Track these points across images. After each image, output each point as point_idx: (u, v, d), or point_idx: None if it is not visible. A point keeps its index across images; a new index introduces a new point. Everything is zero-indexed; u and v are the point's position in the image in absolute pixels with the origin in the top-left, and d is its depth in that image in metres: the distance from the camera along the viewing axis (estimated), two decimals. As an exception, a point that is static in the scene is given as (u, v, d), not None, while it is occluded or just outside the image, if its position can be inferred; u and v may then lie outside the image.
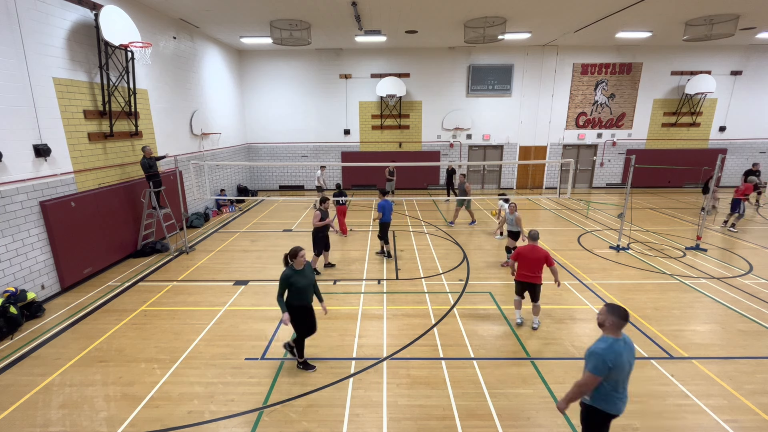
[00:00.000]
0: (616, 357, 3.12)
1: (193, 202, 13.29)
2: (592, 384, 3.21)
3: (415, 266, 9.17)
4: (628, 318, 3.24)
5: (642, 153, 18.73)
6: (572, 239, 11.15)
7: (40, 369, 5.48)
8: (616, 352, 3.13)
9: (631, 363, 3.25)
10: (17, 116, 7.06)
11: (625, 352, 3.19)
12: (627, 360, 3.19)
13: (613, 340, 3.19)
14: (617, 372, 3.15)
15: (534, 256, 6.10)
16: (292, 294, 5.01)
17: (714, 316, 6.83)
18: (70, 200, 8.07)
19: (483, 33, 13.02)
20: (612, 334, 3.23)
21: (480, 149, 19.24)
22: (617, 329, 3.23)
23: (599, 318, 3.33)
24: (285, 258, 5.06)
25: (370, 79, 18.02)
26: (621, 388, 3.27)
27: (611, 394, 3.25)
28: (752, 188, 12.01)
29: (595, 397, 3.30)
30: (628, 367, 3.22)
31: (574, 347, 5.88)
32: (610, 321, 3.24)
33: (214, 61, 15.29)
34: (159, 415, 4.59)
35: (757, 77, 18.04)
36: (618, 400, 3.27)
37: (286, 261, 5.05)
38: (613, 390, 3.24)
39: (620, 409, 3.30)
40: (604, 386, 3.25)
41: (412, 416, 4.54)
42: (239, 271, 8.94)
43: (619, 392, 3.27)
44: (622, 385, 3.27)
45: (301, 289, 4.97)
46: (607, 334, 3.26)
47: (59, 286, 7.92)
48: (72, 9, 8.25)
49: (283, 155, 19.10)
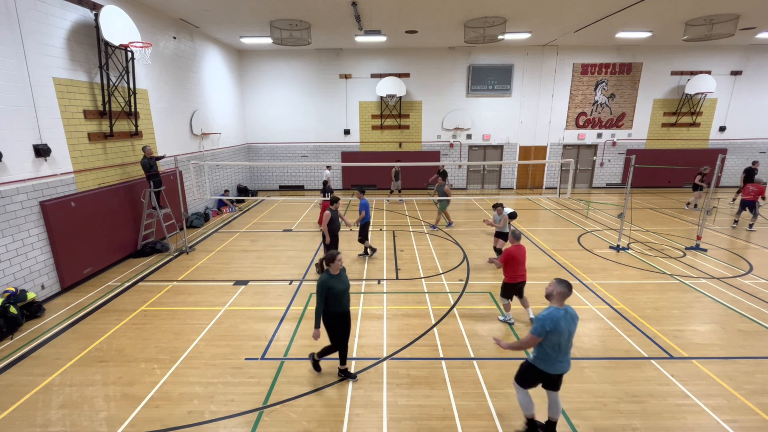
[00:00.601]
0: (555, 323, 3.67)
1: (193, 202, 13.29)
2: (532, 343, 3.84)
3: (415, 266, 9.17)
4: (571, 289, 3.81)
5: (642, 153, 18.73)
6: (572, 239, 11.15)
7: (40, 369, 5.48)
8: (554, 318, 3.69)
9: (570, 330, 3.77)
10: (17, 116, 7.06)
11: (564, 320, 3.72)
12: (566, 327, 3.72)
13: (554, 309, 3.77)
14: (556, 335, 3.71)
15: (522, 256, 6.29)
16: (329, 300, 4.77)
17: (714, 316, 6.83)
18: (70, 200, 8.07)
19: (483, 33, 13.02)
20: (556, 304, 3.80)
21: (480, 149, 19.24)
22: (562, 299, 3.77)
23: (548, 289, 3.86)
24: (320, 263, 4.87)
25: (370, 79, 18.02)
26: (562, 352, 3.82)
27: (550, 356, 3.82)
28: (765, 189, 11.92)
29: (537, 357, 3.91)
30: (567, 333, 3.75)
31: (574, 347, 5.87)
32: (557, 291, 3.78)
33: (214, 61, 15.29)
34: (159, 415, 4.59)
35: (757, 77, 18.04)
36: (556, 362, 3.84)
37: (322, 266, 4.87)
38: (553, 352, 3.79)
39: (557, 370, 3.87)
40: (545, 348, 3.81)
41: (412, 416, 4.54)
42: (239, 271, 8.94)
43: (560, 356, 3.83)
44: (563, 349, 3.81)
45: (339, 295, 4.76)
46: (552, 303, 3.84)
47: (59, 286, 7.92)
48: (72, 9, 8.25)
49: (283, 155, 19.10)
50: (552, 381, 3.98)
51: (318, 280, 4.74)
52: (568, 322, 3.76)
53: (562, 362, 3.86)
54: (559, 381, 4.03)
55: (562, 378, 4.05)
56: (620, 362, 5.52)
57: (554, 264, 9.23)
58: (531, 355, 3.97)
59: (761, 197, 11.78)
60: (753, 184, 11.82)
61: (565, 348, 3.81)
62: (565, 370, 3.91)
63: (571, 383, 5.07)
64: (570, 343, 3.85)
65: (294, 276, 8.64)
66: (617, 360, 5.57)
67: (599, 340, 6.09)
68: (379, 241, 11.00)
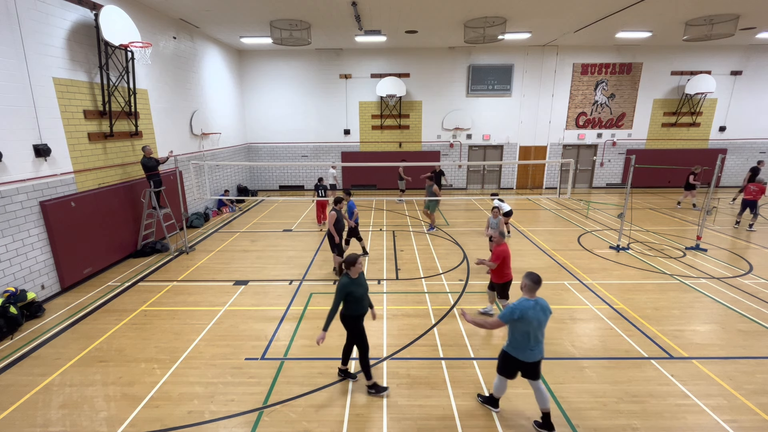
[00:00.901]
0: (523, 312, 3.95)
1: (193, 202, 13.29)
2: (496, 325, 4.18)
3: (415, 266, 9.17)
4: (539, 282, 4.10)
5: (642, 153, 18.73)
6: (572, 239, 11.15)
7: (40, 369, 5.48)
8: (523, 308, 3.96)
9: (540, 320, 4.01)
10: (17, 116, 7.06)
11: (533, 310, 3.98)
12: (534, 317, 3.97)
13: (524, 299, 4.06)
14: (524, 324, 3.99)
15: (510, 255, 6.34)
16: (349, 304, 4.71)
17: (714, 316, 6.83)
18: (70, 200, 8.07)
19: (483, 33, 13.02)
20: (527, 295, 4.09)
21: (480, 149, 19.24)
22: (531, 291, 4.07)
23: (521, 283, 4.18)
24: (339, 267, 4.89)
25: (370, 79, 18.02)
26: (532, 340, 4.06)
27: (521, 344, 4.09)
28: (765, 189, 11.90)
29: (509, 345, 4.22)
30: (536, 323, 3.99)
31: (574, 347, 5.88)
32: (525, 283, 4.11)
33: (214, 61, 15.29)
34: (159, 415, 4.59)
35: (757, 77, 18.04)
36: (527, 349, 4.09)
37: (341, 270, 4.88)
38: (524, 340, 4.06)
39: (528, 357, 4.10)
40: (515, 336, 4.11)
41: (412, 416, 4.54)
42: (239, 271, 8.94)
43: (530, 344, 4.07)
44: (533, 338, 4.04)
45: (360, 298, 4.73)
46: (523, 295, 4.13)
47: (59, 286, 7.92)
48: (72, 9, 8.25)
49: (283, 155, 19.10)
50: (528, 369, 4.20)
51: (338, 283, 4.64)
52: (538, 312, 4.00)
53: (533, 350, 4.09)
54: (535, 370, 4.20)
55: (538, 367, 4.22)
56: (620, 362, 5.52)
57: (554, 264, 9.23)
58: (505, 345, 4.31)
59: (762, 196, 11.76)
60: (754, 184, 11.80)
61: (535, 337, 4.05)
62: (536, 359, 4.13)
63: (571, 383, 5.08)
64: (541, 332, 4.09)
65: (294, 276, 8.64)
66: (617, 360, 5.57)
67: (599, 340, 6.09)
68: (379, 241, 11.00)
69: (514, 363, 4.19)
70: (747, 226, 12.01)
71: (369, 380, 4.90)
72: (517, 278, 8.26)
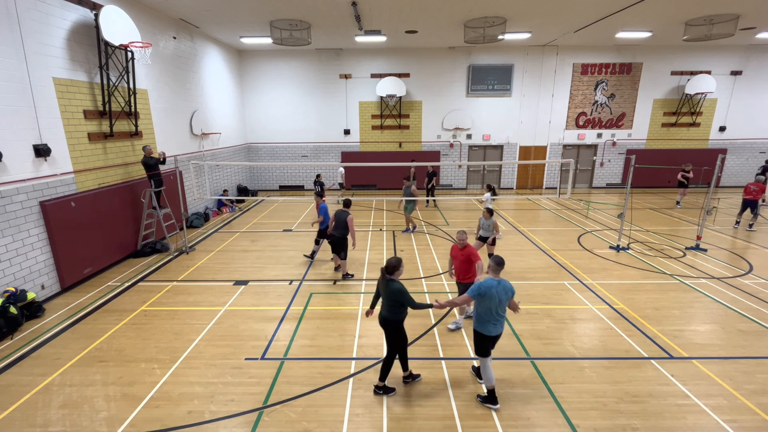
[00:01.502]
0: (487, 288, 4.46)
1: (193, 202, 13.29)
2: (465, 300, 4.72)
3: (415, 266, 9.17)
4: (502, 264, 4.65)
5: (642, 153, 18.73)
6: (572, 239, 11.15)
7: (40, 369, 5.48)
8: (488, 285, 4.49)
9: (500, 298, 4.49)
10: (17, 116, 7.06)
11: (495, 288, 4.48)
12: (496, 294, 4.46)
13: (490, 279, 4.57)
14: (487, 300, 4.48)
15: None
16: (403, 309, 4.68)
17: (714, 316, 6.83)
18: (70, 200, 8.07)
19: (483, 33, 13.02)
20: (492, 276, 4.63)
21: (480, 149, 19.24)
22: (495, 272, 4.63)
23: (488, 266, 4.71)
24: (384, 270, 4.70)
25: (370, 79, 18.02)
26: (494, 315, 4.54)
27: (485, 319, 4.57)
28: (765, 188, 11.91)
29: (476, 321, 4.67)
30: (497, 299, 4.47)
31: (574, 347, 5.88)
32: (490, 265, 4.68)
33: (214, 61, 15.29)
34: (159, 415, 4.59)
35: (757, 77, 18.04)
36: (490, 324, 4.58)
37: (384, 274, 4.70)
38: (487, 315, 4.55)
39: (491, 332, 4.60)
40: (480, 313, 4.59)
41: (412, 416, 4.54)
42: (239, 271, 8.94)
43: (493, 319, 4.56)
44: (494, 313, 4.53)
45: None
46: (490, 275, 4.66)
47: (59, 286, 7.92)
48: (72, 9, 8.25)
49: (283, 155, 19.10)
50: (494, 343, 4.74)
51: (398, 287, 4.55)
52: (500, 291, 4.50)
53: (495, 325, 4.61)
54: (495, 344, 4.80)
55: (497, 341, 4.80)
56: (620, 362, 5.52)
57: (554, 264, 9.23)
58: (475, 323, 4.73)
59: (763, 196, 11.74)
60: (754, 183, 11.76)
61: (496, 312, 4.55)
62: (498, 332, 4.67)
63: (571, 383, 5.08)
64: (502, 309, 4.60)
65: (294, 276, 8.64)
66: (617, 360, 5.57)
67: (599, 340, 6.09)
68: (379, 241, 11.00)
69: (483, 339, 4.67)
70: (747, 226, 12.01)
71: (382, 381, 4.90)
72: (519, 278, 8.28)
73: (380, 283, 4.79)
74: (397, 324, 4.72)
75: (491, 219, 8.27)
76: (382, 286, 4.75)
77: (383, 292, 4.73)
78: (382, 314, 4.80)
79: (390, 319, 4.70)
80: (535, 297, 7.53)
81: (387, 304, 4.71)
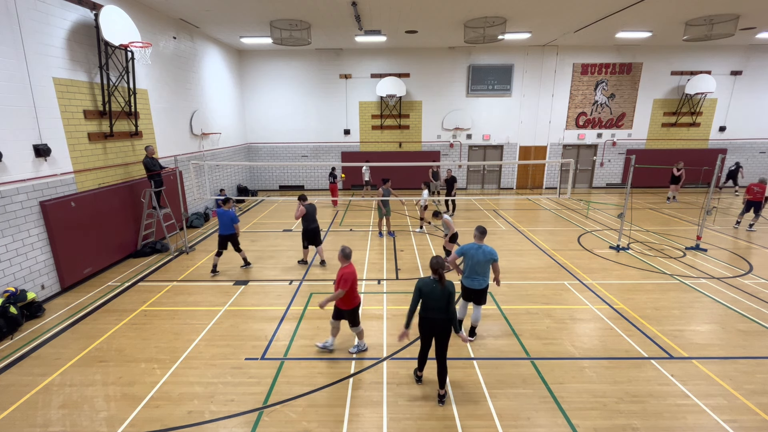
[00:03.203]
0: (468, 249, 5.66)
1: (193, 202, 13.29)
2: (453, 258, 5.81)
3: (415, 266, 9.17)
4: (484, 232, 5.76)
5: (642, 153, 18.73)
6: (572, 239, 11.15)
7: (40, 369, 5.48)
8: (471, 247, 5.66)
9: (479, 259, 5.58)
10: (17, 116, 7.06)
11: (475, 250, 5.62)
12: (476, 255, 5.59)
13: (473, 243, 5.71)
14: (468, 259, 5.67)
15: (356, 276, 5.46)
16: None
17: (714, 316, 6.83)
18: (70, 200, 8.07)
19: (483, 33, 13.02)
20: (476, 242, 5.71)
21: (480, 149, 19.24)
22: (477, 239, 5.73)
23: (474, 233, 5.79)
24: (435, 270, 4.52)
25: (370, 79, 18.02)
26: (474, 273, 5.68)
27: (467, 274, 5.77)
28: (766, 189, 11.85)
29: (463, 276, 5.84)
30: (475, 260, 5.59)
31: (574, 347, 5.88)
32: (474, 234, 5.79)
33: (214, 61, 15.29)
34: (159, 415, 4.59)
35: (757, 77, 18.04)
36: (470, 278, 5.74)
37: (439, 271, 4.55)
38: (468, 271, 5.73)
39: (471, 285, 5.75)
40: (464, 269, 5.79)
41: (412, 416, 4.54)
42: (239, 271, 8.94)
43: (472, 275, 5.71)
44: (473, 271, 5.67)
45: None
46: (473, 241, 5.74)
47: (59, 286, 7.92)
48: (72, 9, 8.25)
49: (283, 155, 19.10)
50: (474, 295, 5.80)
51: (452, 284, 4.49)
52: (479, 254, 5.58)
53: (473, 280, 5.72)
54: (478, 297, 5.81)
55: (481, 295, 5.80)
56: (620, 362, 5.52)
57: (554, 264, 9.23)
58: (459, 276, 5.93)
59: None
60: (757, 184, 11.68)
61: (475, 271, 5.65)
62: (475, 287, 5.72)
63: (571, 383, 5.08)
64: (482, 269, 5.63)
65: (294, 276, 8.64)
66: (617, 360, 5.57)
67: (599, 340, 6.09)
68: (380, 241, 11.00)
69: (465, 289, 5.84)
70: (747, 226, 12.00)
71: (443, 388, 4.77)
72: (519, 278, 8.28)
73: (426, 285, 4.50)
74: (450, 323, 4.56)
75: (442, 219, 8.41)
76: (430, 288, 4.48)
77: (436, 293, 4.45)
78: (435, 318, 4.50)
79: (446, 319, 4.49)
80: (535, 297, 7.53)
81: (440, 306, 4.45)
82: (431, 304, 4.50)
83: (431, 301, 4.49)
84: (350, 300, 5.45)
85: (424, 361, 5.00)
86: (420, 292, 4.55)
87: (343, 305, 5.49)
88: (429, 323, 4.58)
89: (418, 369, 5.08)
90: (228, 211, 8.51)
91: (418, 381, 5.11)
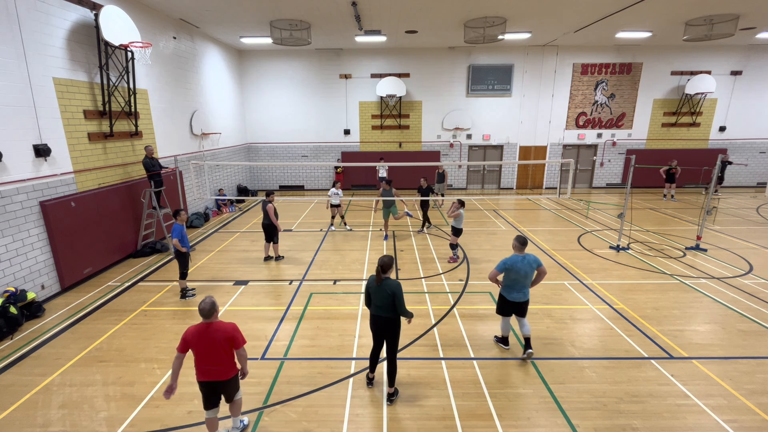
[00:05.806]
0: (512, 263, 5.27)
1: (193, 202, 13.29)
2: (494, 275, 5.40)
3: (415, 266, 9.16)
4: (525, 243, 5.37)
5: (642, 153, 18.73)
6: (572, 239, 11.15)
7: (40, 369, 5.48)
8: (513, 260, 5.29)
9: (526, 271, 5.26)
10: (17, 116, 7.06)
11: (519, 263, 5.25)
12: (522, 268, 5.24)
13: (515, 255, 5.35)
14: (513, 273, 5.29)
15: (210, 339, 3.83)
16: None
17: (714, 316, 6.83)
18: (70, 200, 8.07)
19: (483, 33, 13.01)
20: (517, 252, 5.37)
21: (480, 149, 19.24)
22: (518, 250, 5.36)
23: (513, 244, 5.43)
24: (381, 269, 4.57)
25: (370, 79, 18.02)
26: (518, 286, 5.36)
27: (509, 287, 5.44)
28: None
29: (502, 288, 5.55)
30: (522, 272, 5.25)
31: (574, 347, 5.88)
32: (514, 245, 5.41)
33: (214, 61, 15.29)
34: (159, 415, 4.59)
35: (757, 77, 18.04)
36: (513, 292, 5.42)
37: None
38: (510, 285, 5.41)
39: (514, 298, 5.43)
40: (506, 283, 5.45)
41: (412, 416, 4.54)
42: (239, 271, 8.94)
43: (516, 287, 5.38)
44: (518, 284, 5.34)
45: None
46: (514, 252, 5.41)
47: (59, 286, 7.92)
48: (72, 9, 8.25)
49: (283, 155, 19.10)
50: (516, 308, 5.51)
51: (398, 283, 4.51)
52: (525, 265, 5.24)
53: (518, 293, 5.40)
54: (522, 309, 5.51)
55: (524, 307, 5.50)
56: (620, 362, 5.52)
57: (554, 264, 9.23)
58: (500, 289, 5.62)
59: None
60: None
61: (520, 283, 5.33)
62: (521, 300, 5.43)
63: (571, 383, 5.08)
64: (527, 281, 5.32)
65: (294, 276, 8.64)
66: (617, 360, 5.57)
67: (599, 340, 6.09)
68: (380, 242, 11.00)
69: (504, 302, 5.54)
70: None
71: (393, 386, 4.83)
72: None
73: (371, 284, 4.61)
74: (398, 322, 4.64)
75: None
76: (374, 287, 4.57)
77: (377, 292, 4.53)
78: (379, 315, 4.59)
79: (391, 318, 4.58)
80: (535, 297, 7.52)
81: (384, 304, 4.51)
82: (377, 302, 4.60)
83: (377, 299, 4.58)
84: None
85: (375, 362, 4.99)
86: (367, 292, 4.71)
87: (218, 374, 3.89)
88: (375, 320, 4.70)
89: (370, 371, 5.04)
90: (177, 225, 7.04)
91: (369, 384, 5.04)
